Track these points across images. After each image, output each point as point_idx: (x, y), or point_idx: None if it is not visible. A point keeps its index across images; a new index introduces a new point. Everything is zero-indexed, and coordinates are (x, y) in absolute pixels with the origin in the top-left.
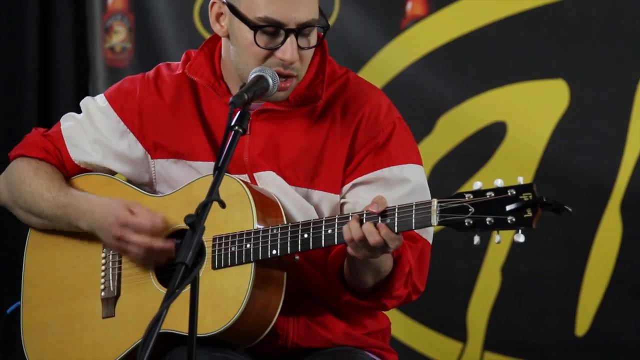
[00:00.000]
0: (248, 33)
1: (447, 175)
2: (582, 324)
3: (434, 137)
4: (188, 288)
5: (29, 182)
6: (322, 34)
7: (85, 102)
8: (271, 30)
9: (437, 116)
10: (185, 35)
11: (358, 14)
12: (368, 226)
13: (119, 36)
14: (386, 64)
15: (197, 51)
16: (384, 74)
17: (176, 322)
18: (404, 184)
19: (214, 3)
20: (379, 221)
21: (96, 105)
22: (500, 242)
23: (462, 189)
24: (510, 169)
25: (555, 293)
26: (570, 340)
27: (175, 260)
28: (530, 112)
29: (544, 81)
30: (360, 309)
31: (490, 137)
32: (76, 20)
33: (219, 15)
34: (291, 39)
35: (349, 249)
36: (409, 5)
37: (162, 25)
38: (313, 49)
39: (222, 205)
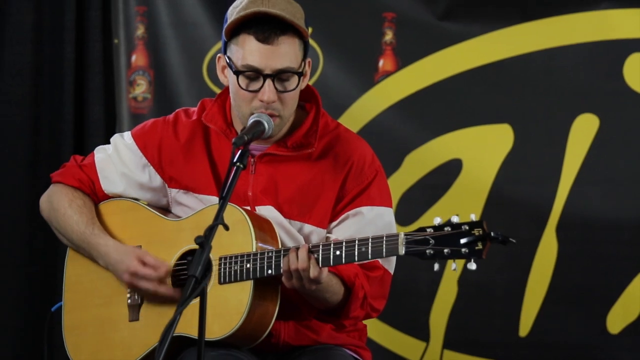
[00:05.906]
0: (236, 79)
1: (412, 204)
2: (525, 326)
3: (401, 172)
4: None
5: (63, 212)
6: (298, 79)
7: (115, 139)
8: (252, 75)
9: (404, 154)
10: (195, 87)
11: (338, 69)
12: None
13: (141, 88)
14: (362, 111)
15: (212, 101)
16: (360, 120)
17: (188, 327)
18: (377, 220)
19: (219, 57)
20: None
21: (123, 142)
22: (456, 270)
23: (424, 217)
24: (464, 198)
25: (502, 300)
26: (515, 340)
27: (187, 273)
28: (482, 151)
29: (493, 125)
30: (327, 323)
31: (448, 172)
32: (105, 75)
33: (224, 67)
34: (268, 82)
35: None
36: (381, 62)
37: (176, 79)
38: (294, 93)
39: (226, 228)
